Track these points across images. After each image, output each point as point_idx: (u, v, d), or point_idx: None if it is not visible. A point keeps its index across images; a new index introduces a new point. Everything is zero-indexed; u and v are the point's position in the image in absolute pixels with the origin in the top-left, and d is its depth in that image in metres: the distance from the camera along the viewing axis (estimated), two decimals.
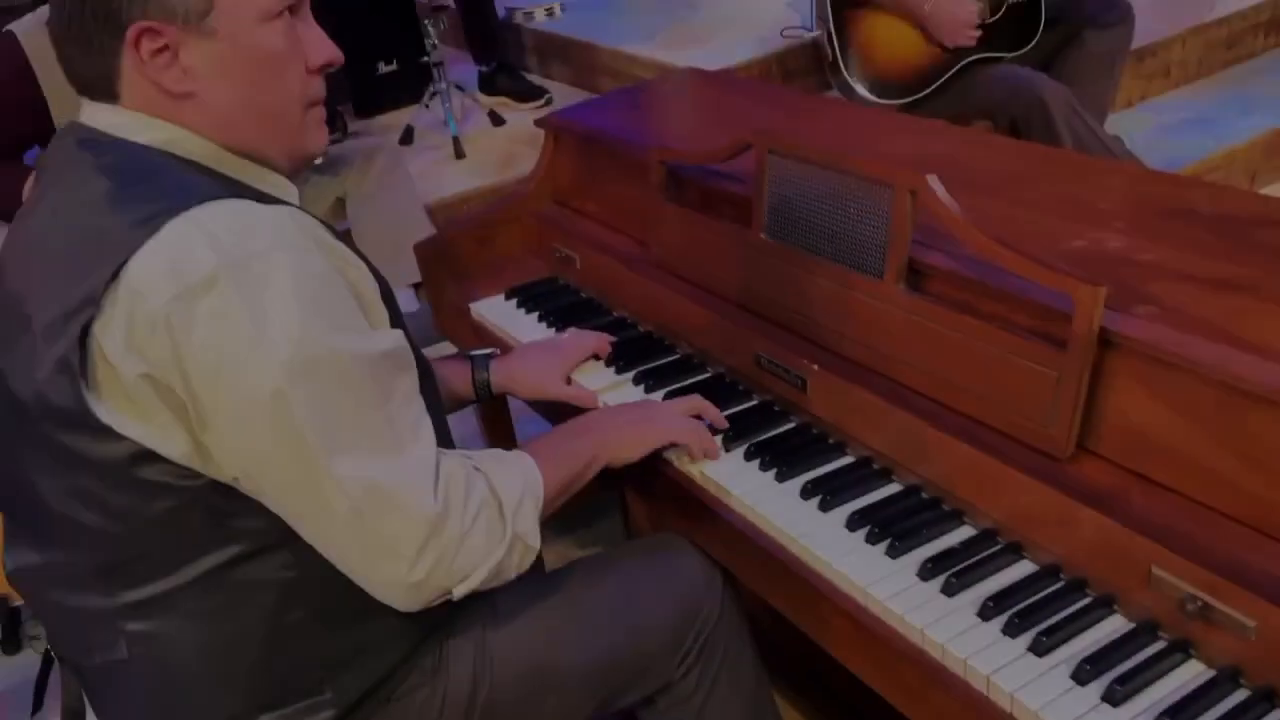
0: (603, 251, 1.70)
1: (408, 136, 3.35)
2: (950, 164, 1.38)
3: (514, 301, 1.76)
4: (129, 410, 0.89)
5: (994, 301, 1.15)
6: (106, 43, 0.93)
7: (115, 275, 0.86)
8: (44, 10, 2.28)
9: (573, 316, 1.66)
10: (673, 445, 1.27)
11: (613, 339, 1.52)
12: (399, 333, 0.99)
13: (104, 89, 0.96)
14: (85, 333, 0.87)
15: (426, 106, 3.42)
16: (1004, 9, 2.67)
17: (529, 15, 3.97)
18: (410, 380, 0.98)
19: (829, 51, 2.71)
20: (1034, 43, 2.73)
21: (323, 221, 0.98)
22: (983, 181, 1.31)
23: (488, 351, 1.47)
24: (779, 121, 1.73)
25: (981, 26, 2.68)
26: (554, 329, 1.65)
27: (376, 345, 0.94)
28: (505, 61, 3.64)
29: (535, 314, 1.71)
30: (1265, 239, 1.13)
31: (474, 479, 1.01)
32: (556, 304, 1.72)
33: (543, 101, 3.58)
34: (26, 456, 0.95)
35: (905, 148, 1.49)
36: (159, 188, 0.91)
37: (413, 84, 3.71)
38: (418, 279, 2.60)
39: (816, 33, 2.92)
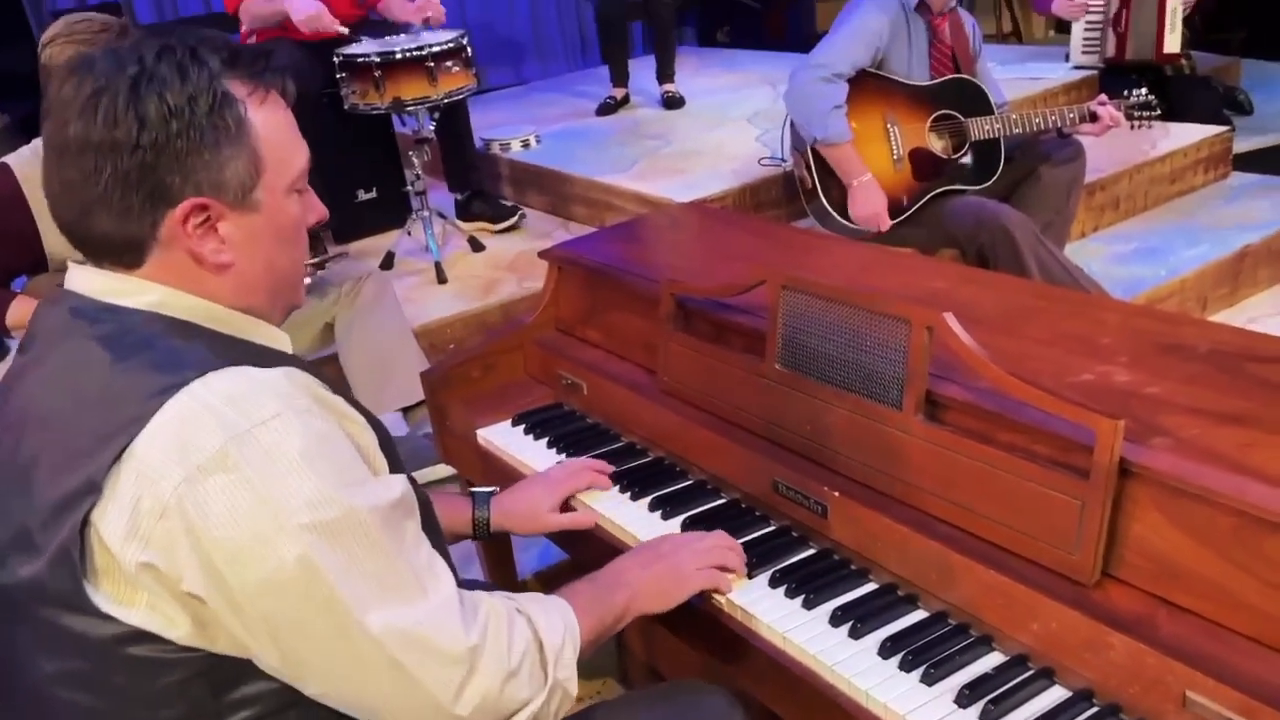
0: (611, 378, 1.74)
1: (388, 262, 3.41)
2: (954, 300, 1.46)
3: (522, 427, 1.79)
4: (130, 597, 0.86)
5: (1011, 432, 1.21)
6: (149, 214, 0.93)
7: (118, 458, 0.85)
8: (40, 143, 2.32)
9: (582, 442, 1.69)
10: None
11: (609, 467, 1.54)
12: (403, 478, 0.99)
13: (127, 256, 0.95)
14: (85, 520, 0.85)
15: (409, 233, 3.50)
16: (968, 146, 2.84)
17: (505, 146, 4.10)
18: (416, 522, 0.99)
19: (808, 180, 2.84)
20: (996, 177, 2.90)
21: (316, 374, 0.98)
22: (987, 317, 1.39)
23: (489, 490, 1.48)
24: (776, 256, 1.81)
25: (948, 161, 2.85)
26: (564, 454, 1.68)
27: (386, 495, 0.94)
28: (480, 189, 3.74)
29: (544, 439, 1.74)
30: (1259, 373, 1.21)
31: (516, 619, 1.02)
32: (565, 429, 1.75)
33: (516, 219, 3.67)
34: (16, 636, 0.92)
35: (909, 284, 1.57)
36: (157, 361, 0.90)
37: (391, 211, 3.79)
38: (407, 403, 2.63)
39: (791, 164, 3.05)
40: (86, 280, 0.97)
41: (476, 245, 3.52)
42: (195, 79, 0.92)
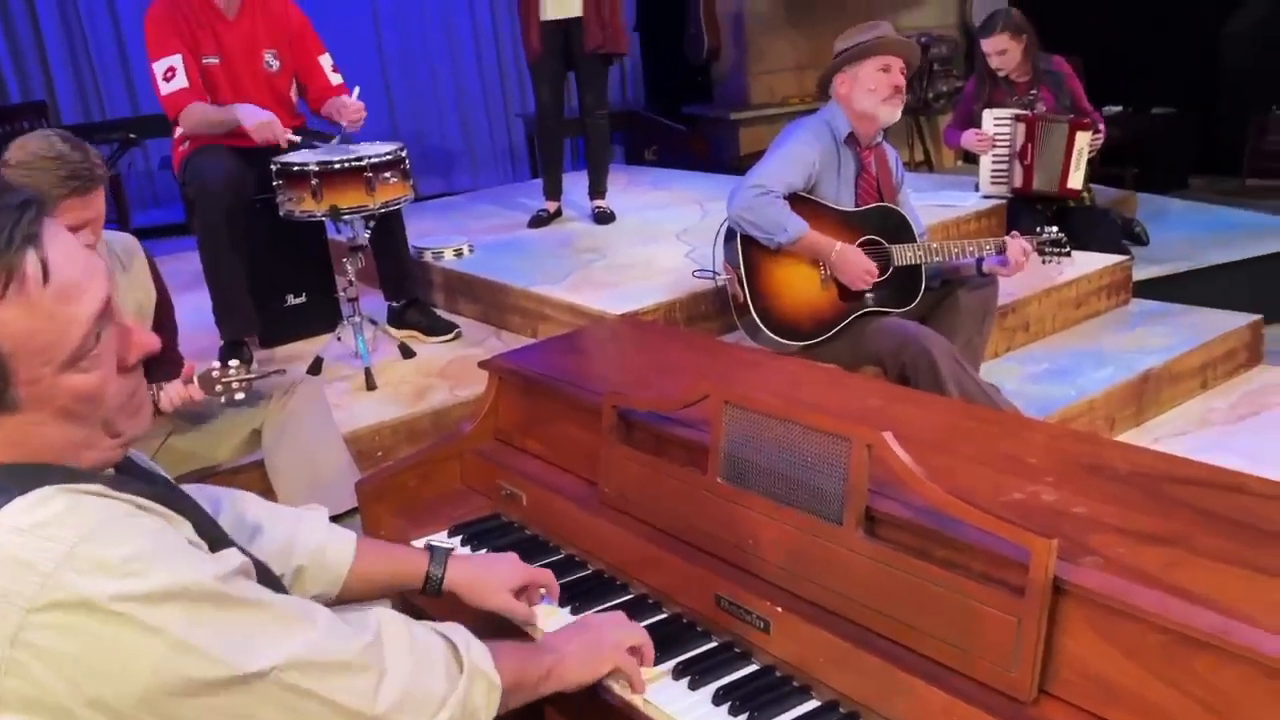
0: (551, 489, 1.75)
1: (316, 367, 3.38)
2: (889, 418, 1.51)
3: (459, 539, 1.77)
4: None
5: (948, 549, 1.25)
6: None
7: None
8: None
9: (522, 554, 1.67)
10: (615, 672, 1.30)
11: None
12: (235, 550, 1.00)
13: None
14: None
15: (339, 339, 3.48)
16: (890, 270, 2.97)
17: (438, 254, 4.14)
18: (261, 589, 0.98)
19: (740, 294, 2.93)
20: (917, 300, 3.02)
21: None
22: (921, 436, 1.44)
23: (447, 548, 1.47)
24: (715, 370, 1.86)
25: (873, 284, 2.96)
26: None
27: (227, 564, 0.94)
28: (415, 297, 3.75)
29: (482, 551, 1.72)
30: (1177, 494, 1.28)
31: (415, 623, 1.04)
32: (503, 541, 1.74)
33: (452, 336, 3.68)
34: None
35: (844, 401, 1.63)
36: None
37: (320, 316, 3.78)
38: (336, 511, 2.57)
39: (723, 279, 3.15)
40: None
41: (407, 352, 3.52)
42: None
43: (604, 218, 4.58)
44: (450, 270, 4.08)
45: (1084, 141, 4.11)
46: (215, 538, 1.00)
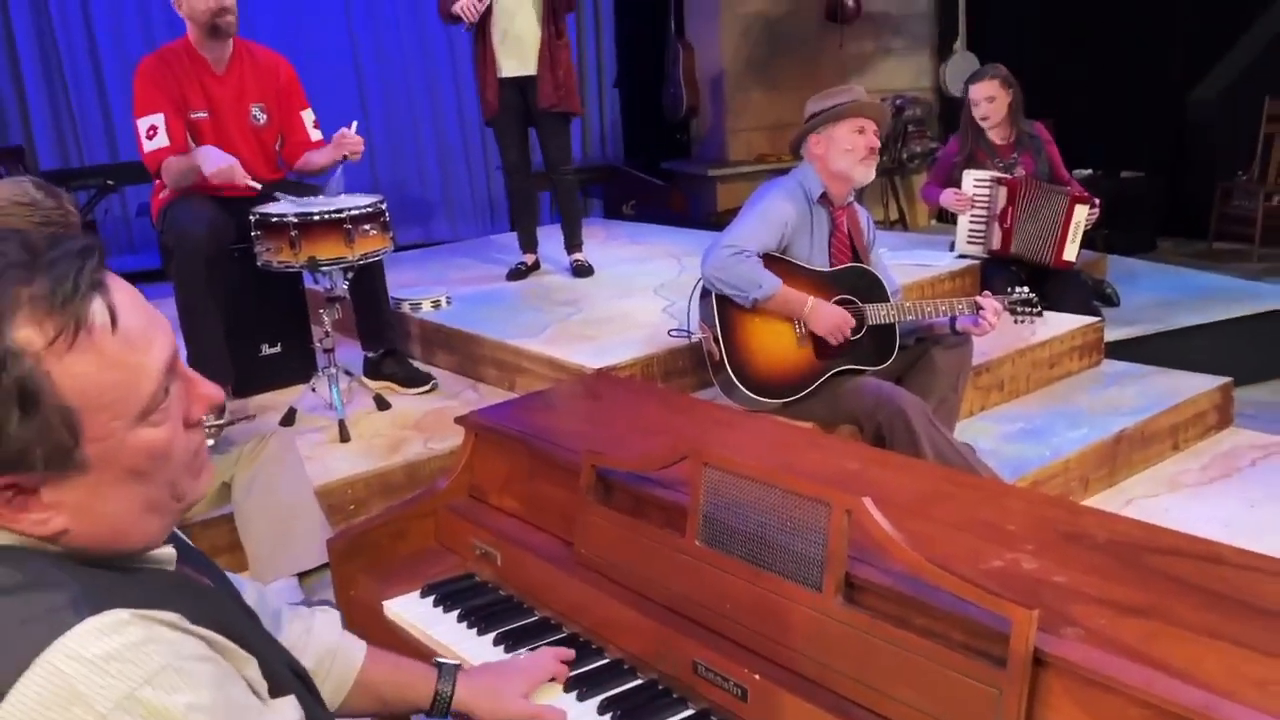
0: (526, 549, 1.73)
1: (289, 418, 3.34)
2: (868, 482, 1.51)
3: (431, 599, 1.74)
4: None
5: (927, 617, 1.24)
6: None
7: None
8: None
9: (496, 615, 1.66)
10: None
11: (570, 653, 1.49)
12: (292, 699, 0.95)
13: None
14: None
15: (313, 389, 3.45)
16: (865, 329, 2.99)
17: (416, 305, 4.13)
18: None
19: (716, 351, 2.94)
20: (892, 359, 3.04)
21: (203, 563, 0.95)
22: (900, 500, 1.43)
23: (455, 664, 1.41)
24: (693, 430, 1.85)
25: (847, 343, 2.98)
26: (475, 630, 1.64)
27: (284, 718, 0.91)
28: (393, 348, 3.73)
29: (454, 612, 1.69)
30: (1156, 565, 1.28)
31: None
32: (476, 602, 1.71)
33: (428, 388, 3.66)
34: None
35: (822, 464, 1.62)
36: (17, 609, 0.79)
37: (295, 366, 3.75)
38: (305, 567, 2.54)
39: (699, 336, 3.16)
40: None
41: (382, 404, 3.49)
42: None
43: (582, 270, 4.60)
44: (428, 321, 4.07)
45: (1082, 215, 4.17)
46: (275, 673, 0.95)
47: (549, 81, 4.31)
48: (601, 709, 1.41)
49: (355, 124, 3.48)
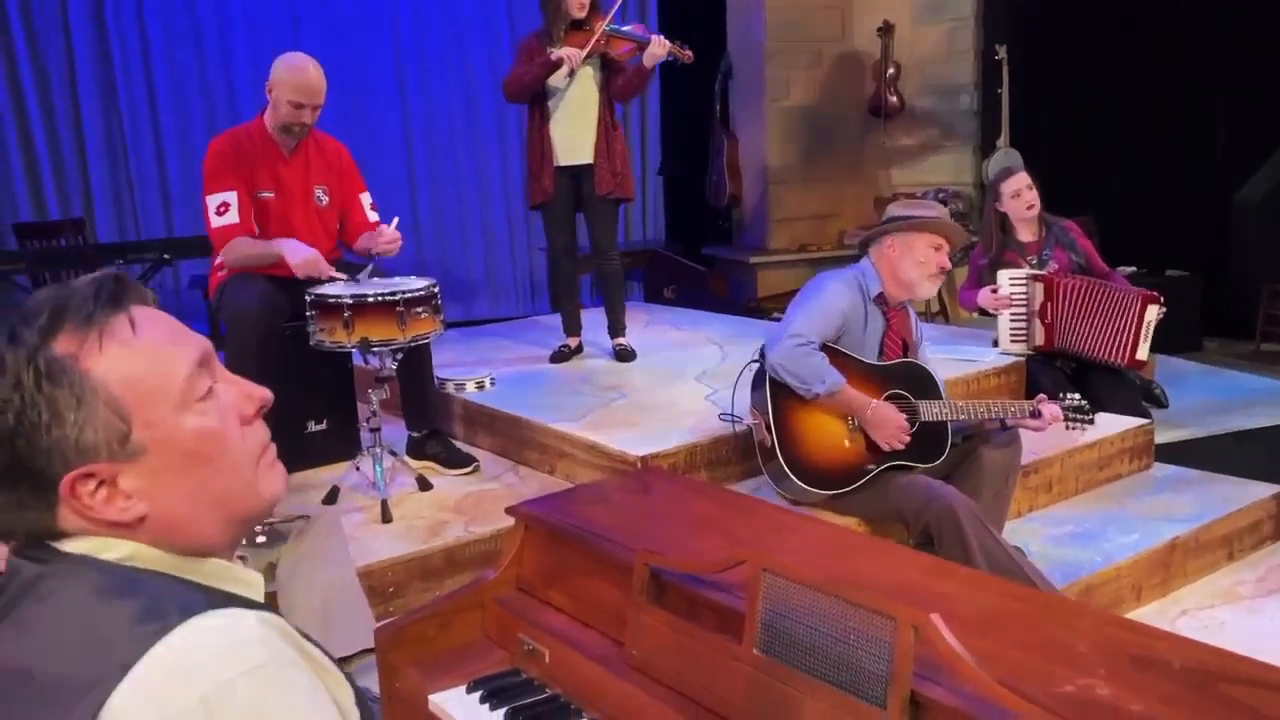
0: (575, 647, 1.70)
1: (332, 496, 3.35)
2: (930, 595, 1.48)
3: (477, 695, 1.72)
4: None
5: None
6: (40, 501, 0.90)
7: (95, 714, 0.81)
8: None
9: (542, 716, 1.63)
10: None
11: None
12: None
13: (45, 536, 0.92)
14: None
15: (358, 468, 3.46)
16: (917, 425, 2.96)
17: (460, 386, 4.16)
18: None
19: (768, 439, 2.92)
20: (943, 457, 3.01)
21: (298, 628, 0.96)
22: (964, 616, 1.40)
23: None
24: (749, 532, 1.83)
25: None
26: None
27: None
28: (436, 428, 3.75)
29: (501, 711, 1.67)
30: (1232, 694, 1.23)
31: None
32: (523, 701, 1.68)
33: (471, 469, 3.66)
34: None
35: (883, 573, 1.59)
36: (130, 608, 0.86)
37: (339, 444, 3.77)
38: (347, 653, 2.52)
39: (748, 423, 3.15)
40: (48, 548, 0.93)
41: (424, 484, 3.49)
42: (13, 363, 0.88)
43: (625, 355, 4.61)
44: (471, 403, 4.09)
45: (1153, 315, 4.13)
46: (365, 711, 0.97)
47: (606, 169, 4.38)
48: None
49: (396, 220, 3.57)
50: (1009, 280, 4.31)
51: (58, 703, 0.83)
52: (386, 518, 3.22)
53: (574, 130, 4.37)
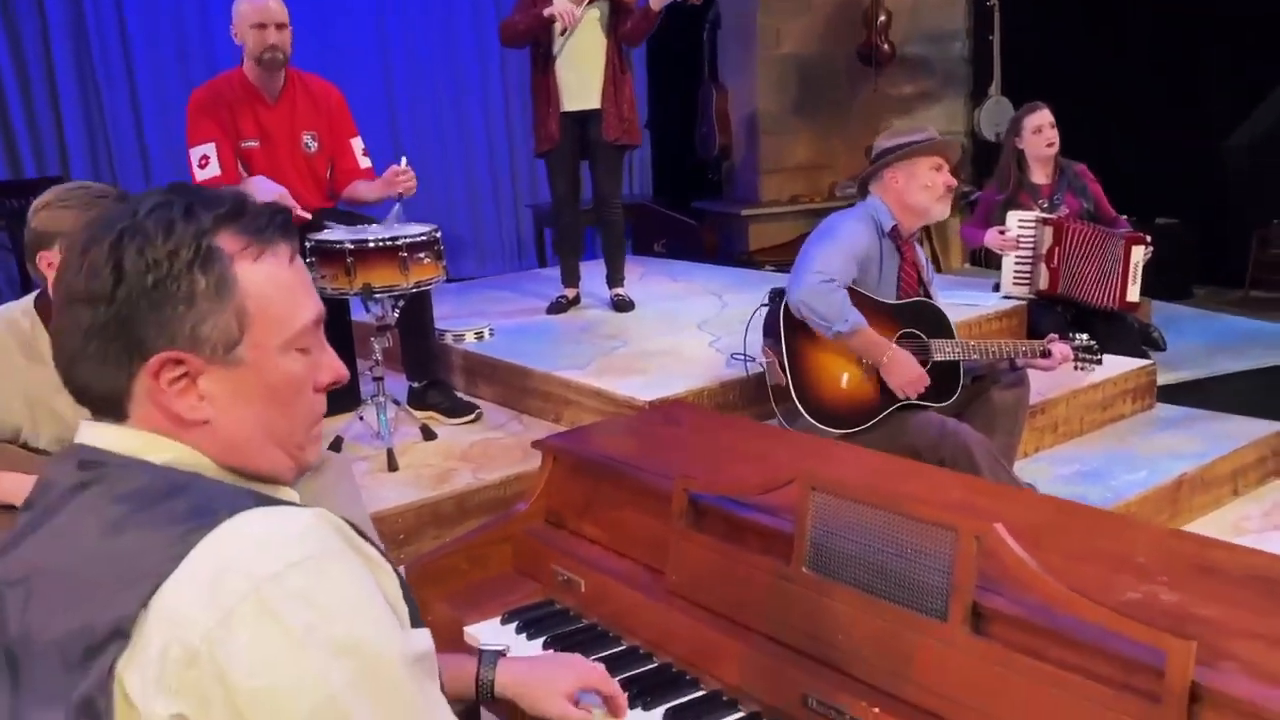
0: (613, 576, 1.68)
1: (336, 446, 3.30)
2: (978, 510, 1.46)
3: (513, 625, 1.69)
4: None
5: (1063, 649, 1.18)
6: (124, 365, 0.92)
7: (145, 604, 0.82)
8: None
9: (581, 644, 1.60)
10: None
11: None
12: (427, 633, 0.97)
13: (110, 408, 0.94)
14: (110, 670, 0.81)
15: (361, 418, 3.41)
16: (930, 365, 2.95)
17: (459, 337, 4.11)
18: (438, 684, 0.96)
19: (782, 379, 2.90)
20: (956, 396, 3.00)
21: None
22: (1016, 530, 1.38)
23: (497, 648, 1.41)
24: (785, 457, 1.80)
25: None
26: None
27: (415, 646, 0.91)
28: (437, 378, 3.70)
29: (539, 640, 1.64)
30: None
31: None
32: (561, 629, 1.66)
33: (473, 417, 3.63)
34: None
35: (928, 492, 1.57)
36: (180, 505, 0.88)
37: (340, 394, 3.70)
38: None
39: (761, 363, 3.11)
40: (97, 435, 0.95)
41: (428, 434, 3.45)
42: (180, 233, 0.91)
43: (623, 305, 4.57)
44: (471, 353, 4.04)
45: (1139, 255, 4.14)
46: (410, 604, 0.98)
47: (614, 115, 4.30)
48: None
49: (405, 159, 3.48)
50: (1018, 222, 4.29)
51: (107, 595, 0.83)
52: (393, 466, 3.19)
53: (581, 74, 4.28)
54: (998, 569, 1.22)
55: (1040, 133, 4.30)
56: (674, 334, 4.13)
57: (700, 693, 1.47)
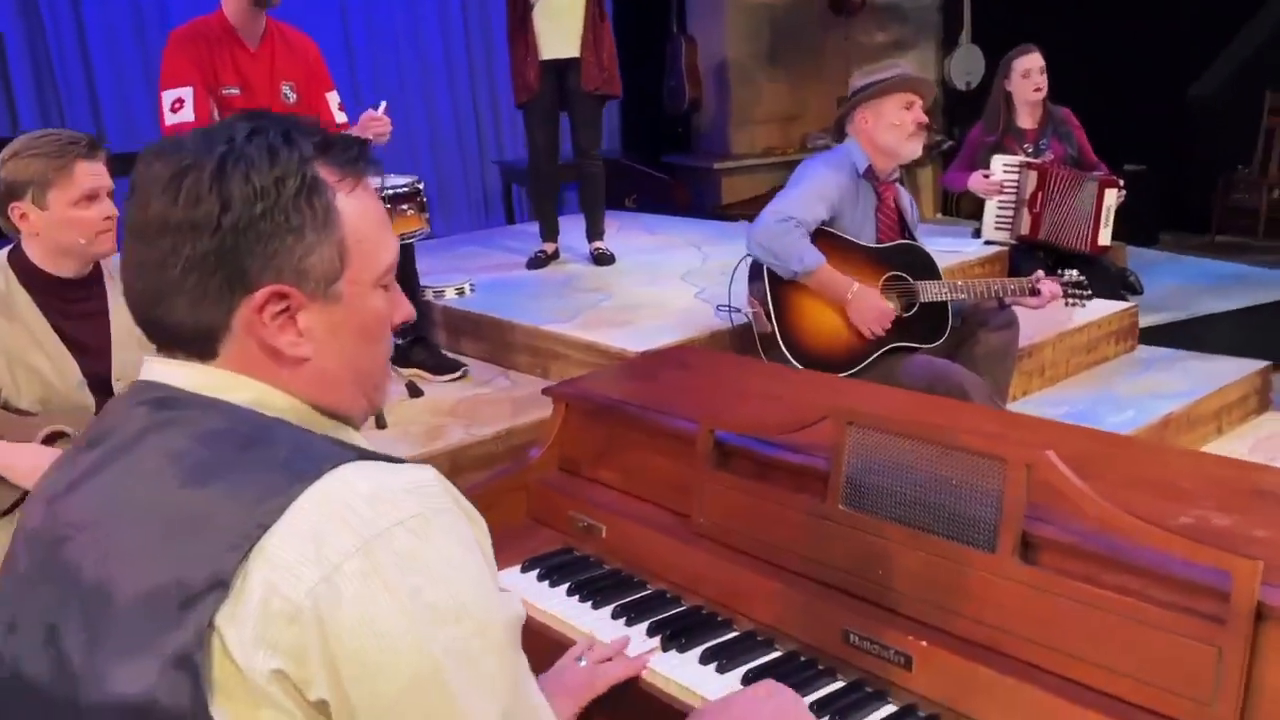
0: (635, 520, 1.65)
1: None
2: (1019, 440, 1.43)
3: (535, 573, 1.66)
4: (247, 713, 0.78)
5: (1117, 575, 1.17)
6: (226, 300, 0.86)
7: (246, 555, 0.78)
8: None
9: (608, 590, 1.57)
10: None
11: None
12: (517, 596, 0.94)
13: (199, 346, 0.89)
14: (210, 623, 0.77)
15: None
16: (917, 307, 2.93)
17: (439, 293, 4.03)
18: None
19: (768, 327, 2.87)
20: (945, 337, 2.99)
21: None
22: (1060, 457, 1.37)
23: None
24: (806, 395, 1.78)
25: (899, 320, 2.92)
26: (589, 603, 1.56)
27: (511, 609, 0.88)
28: (422, 335, 3.63)
29: (562, 587, 1.61)
30: None
31: None
32: (585, 576, 1.63)
33: (459, 374, 3.56)
34: None
35: (959, 424, 1.55)
36: (277, 453, 0.83)
37: None
38: None
39: (748, 313, 3.08)
40: (170, 373, 0.90)
41: (414, 391, 3.39)
42: (285, 161, 0.87)
43: (603, 259, 4.51)
44: (453, 309, 3.96)
45: (1112, 199, 4.14)
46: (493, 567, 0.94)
47: (593, 64, 4.21)
48: (746, 680, 1.33)
49: (384, 105, 3.38)
50: (1003, 166, 4.27)
51: (203, 544, 0.78)
52: (381, 424, 3.12)
53: (559, 22, 4.17)
54: (1050, 496, 1.20)
55: (1028, 77, 4.27)
56: (658, 285, 4.08)
57: (734, 633, 1.45)
